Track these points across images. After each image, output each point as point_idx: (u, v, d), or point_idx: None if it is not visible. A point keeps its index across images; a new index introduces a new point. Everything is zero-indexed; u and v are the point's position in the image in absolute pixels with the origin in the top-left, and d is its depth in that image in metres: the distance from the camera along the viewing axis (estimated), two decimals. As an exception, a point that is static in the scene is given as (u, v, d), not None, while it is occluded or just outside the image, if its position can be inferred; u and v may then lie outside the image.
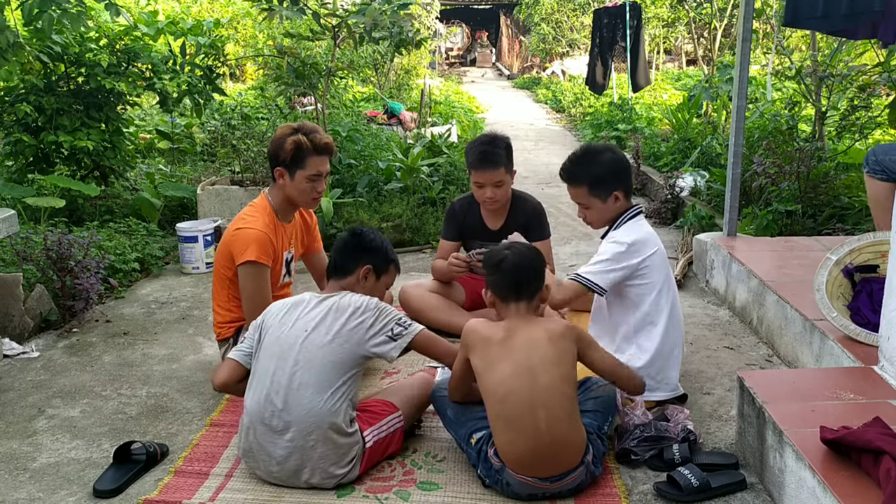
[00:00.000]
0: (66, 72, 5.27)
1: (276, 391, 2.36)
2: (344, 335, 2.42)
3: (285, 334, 2.43)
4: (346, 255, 2.64)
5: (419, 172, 5.91)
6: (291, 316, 2.48)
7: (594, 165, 2.84)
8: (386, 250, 2.72)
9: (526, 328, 2.38)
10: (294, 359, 2.38)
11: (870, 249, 3.04)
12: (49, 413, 2.96)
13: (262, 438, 2.37)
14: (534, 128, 12.19)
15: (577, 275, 2.80)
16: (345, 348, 2.41)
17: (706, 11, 9.38)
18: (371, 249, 2.66)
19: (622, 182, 2.84)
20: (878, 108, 5.45)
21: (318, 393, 2.35)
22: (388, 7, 5.71)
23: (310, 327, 2.43)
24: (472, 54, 30.80)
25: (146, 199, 5.42)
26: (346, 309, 2.46)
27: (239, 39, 12.21)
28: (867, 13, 3.78)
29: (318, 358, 2.38)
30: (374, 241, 2.69)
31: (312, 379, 2.36)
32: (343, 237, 2.72)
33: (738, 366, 3.32)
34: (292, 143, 3.00)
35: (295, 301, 2.54)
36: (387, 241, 2.75)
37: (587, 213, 2.91)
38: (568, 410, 2.30)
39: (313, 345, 2.40)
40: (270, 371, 2.39)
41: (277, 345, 2.43)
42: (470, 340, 2.41)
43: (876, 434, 2.02)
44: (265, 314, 2.56)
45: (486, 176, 3.45)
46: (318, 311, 2.46)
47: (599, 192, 2.83)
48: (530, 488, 2.31)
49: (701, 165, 6.58)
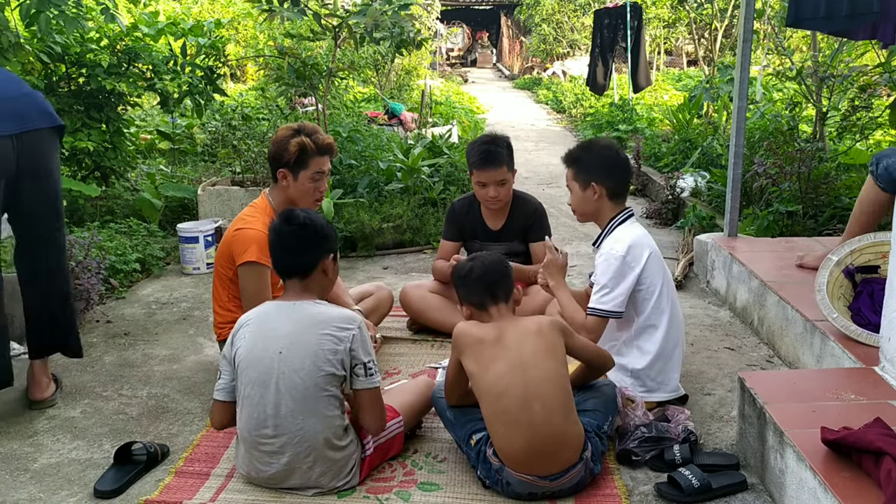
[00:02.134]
0: (67, 72, 5.27)
1: (264, 419, 2.30)
2: (321, 356, 2.28)
3: (258, 357, 2.31)
4: (303, 250, 2.41)
5: (420, 173, 5.92)
6: (260, 334, 2.33)
7: (587, 152, 2.89)
8: (334, 231, 2.54)
9: (515, 326, 2.41)
10: (275, 386, 2.28)
11: (871, 250, 3.04)
12: (50, 413, 2.97)
13: (259, 462, 2.35)
14: (534, 128, 12.19)
15: (592, 309, 2.78)
16: (324, 369, 2.29)
17: (707, 12, 9.37)
18: (328, 237, 2.46)
19: (605, 178, 2.82)
20: (878, 108, 5.45)
21: (307, 417, 2.28)
22: (388, 8, 5.72)
23: (282, 347, 2.29)
24: (473, 55, 30.80)
25: (147, 200, 5.42)
26: (321, 325, 2.31)
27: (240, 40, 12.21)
28: (867, 14, 3.78)
29: (299, 384, 2.27)
30: (326, 227, 2.47)
31: (298, 405, 2.28)
32: (291, 231, 2.41)
33: (738, 366, 3.32)
34: (297, 146, 3.02)
35: (259, 316, 2.39)
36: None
37: (571, 198, 2.94)
38: (562, 403, 2.31)
39: (289, 369, 2.27)
40: (255, 399, 2.31)
41: (254, 370, 2.31)
42: (462, 343, 2.42)
43: (877, 435, 2.02)
44: (231, 337, 2.40)
45: (489, 175, 3.45)
46: (288, 328, 2.32)
47: (580, 179, 2.85)
48: (530, 487, 2.31)
49: (702, 166, 6.57)
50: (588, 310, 2.78)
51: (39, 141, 2.84)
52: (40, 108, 2.87)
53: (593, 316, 2.77)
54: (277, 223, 2.46)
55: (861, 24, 3.98)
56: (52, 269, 2.98)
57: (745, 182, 4.90)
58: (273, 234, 2.46)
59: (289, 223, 2.42)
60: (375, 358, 2.41)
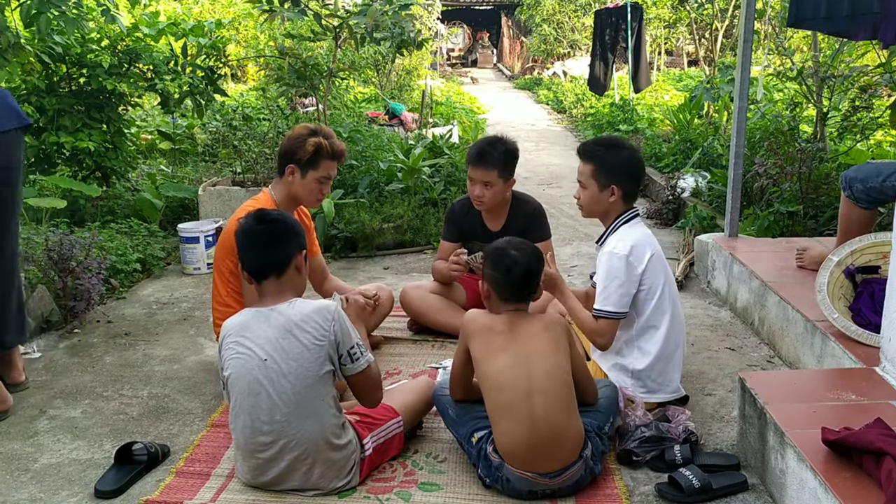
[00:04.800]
0: (68, 72, 5.28)
1: (259, 427, 2.29)
2: (306, 356, 2.27)
3: (244, 367, 2.29)
4: (277, 245, 2.36)
5: (420, 173, 5.92)
6: (243, 345, 2.30)
7: (611, 153, 2.85)
8: (302, 229, 2.49)
9: (525, 320, 2.43)
10: (266, 394, 2.27)
11: (871, 250, 3.04)
12: (50, 413, 2.97)
13: (258, 469, 2.35)
14: (535, 128, 12.19)
15: (599, 311, 2.77)
16: (312, 370, 2.28)
17: (707, 12, 9.37)
18: (298, 233, 2.43)
19: (626, 182, 2.83)
20: (879, 108, 5.45)
21: (303, 420, 2.28)
22: (389, 8, 5.72)
23: (266, 355, 2.27)
24: (474, 55, 30.80)
25: (147, 200, 5.42)
26: (301, 325, 2.28)
27: (240, 40, 12.21)
28: (868, 14, 3.78)
29: (289, 389, 2.26)
30: (297, 224, 2.45)
31: (292, 410, 2.27)
32: (263, 229, 2.37)
33: (739, 367, 3.32)
34: (314, 145, 3.07)
35: (239, 326, 2.34)
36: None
37: (582, 193, 2.91)
38: (564, 399, 2.32)
39: (277, 375, 2.26)
40: (246, 409, 2.29)
41: (243, 380, 2.29)
42: (471, 329, 2.44)
43: (877, 435, 2.02)
44: (219, 347, 2.39)
45: (477, 173, 3.47)
46: (269, 334, 2.29)
47: (601, 179, 2.83)
48: (530, 484, 2.31)
49: (702, 166, 6.57)
50: (595, 312, 2.78)
51: (13, 141, 2.94)
52: (11, 109, 2.93)
53: (602, 318, 2.76)
54: (247, 223, 2.40)
55: (861, 24, 3.98)
56: (10, 255, 3.04)
57: (745, 182, 4.91)
58: (244, 235, 2.39)
59: (260, 222, 2.38)
60: (360, 340, 2.39)
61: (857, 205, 3.27)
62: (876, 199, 3.23)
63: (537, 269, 2.50)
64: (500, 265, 2.46)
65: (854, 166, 3.48)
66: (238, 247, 2.43)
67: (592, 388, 2.56)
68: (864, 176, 3.24)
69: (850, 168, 3.42)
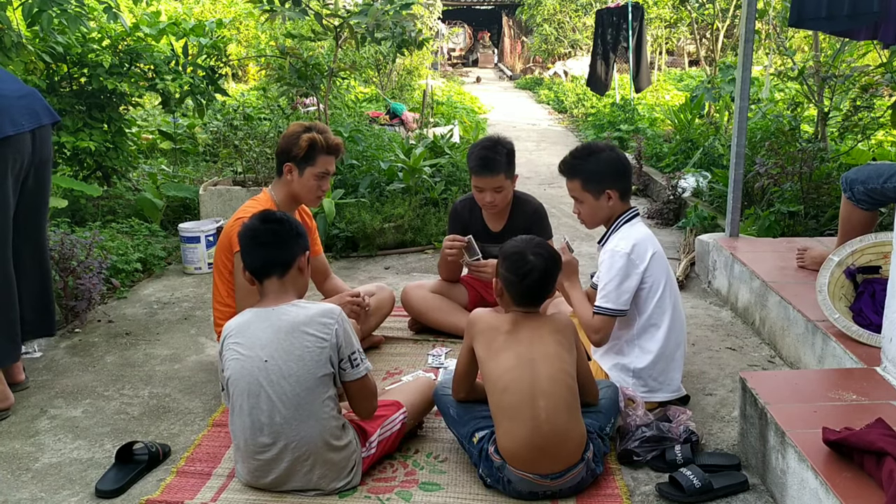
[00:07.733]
0: (69, 72, 5.28)
1: (259, 428, 2.28)
2: (307, 358, 2.26)
3: (244, 368, 2.28)
4: (282, 244, 2.37)
5: (421, 173, 5.92)
6: (243, 345, 2.30)
7: (591, 161, 2.85)
8: (305, 230, 2.49)
9: (531, 322, 2.42)
10: (266, 396, 2.26)
11: (872, 250, 3.04)
12: (51, 413, 2.97)
13: (258, 471, 2.35)
14: (536, 128, 12.19)
15: (598, 307, 2.77)
16: (313, 372, 2.27)
17: (708, 12, 9.37)
18: (302, 234, 2.43)
19: (617, 182, 2.84)
20: (880, 108, 5.44)
21: (303, 422, 2.27)
22: (390, 7, 5.72)
23: (267, 356, 2.27)
24: (475, 55, 30.81)
25: (148, 200, 5.43)
26: (302, 328, 2.28)
27: (241, 40, 12.21)
28: (868, 14, 3.78)
29: (289, 391, 2.26)
30: (300, 225, 2.45)
31: (292, 412, 2.26)
32: (268, 228, 2.37)
33: (740, 367, 3.32)
34: (307, 140, 3.06)
35: (240, 327, 2.34)
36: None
37: (581, 208, 2.91)
38: (568, 402, 2.31)
39: (277, 376, 2.26)
40: (246, 410, 2.29)
41: (243, 381, 2.29)
42: (477, 329, 2.44)
43: (878, 435, 2.02)
44: (219, 348, 2.39)
45: (486, 181, 3.45)
46: (269, 335, 2.29)
47: (592, 189, 2.84)
48: (531, 485, 2.31)
49: (703, 166, 6.57)
50: (595, 308, 2.78)
51: (46, 135, 3.06)
52: (44, 105, 3.06)
53: (600, 315, 2.77)
54: (252, 222, 2.41)
55: (862, 24, 3.98)
56: (43, 252, 3.19)
57: (746, 182, 4.90)
58: (248, 234, 2.39)
59: (265, 221, 2.39)
60: (360, 346, 2.39)
61: (858, 206, 3.27)
62: (877, 201, 3.23)
63: (554, 273, 2.47)
64: (518, 270, 2.42)
65: (854, 168, 3.48)
66: (241, 246, 2.44)
67: (594, 388, 2.56)
68: (865, 177, 3.24)
69: (851, 169, 3.42)
